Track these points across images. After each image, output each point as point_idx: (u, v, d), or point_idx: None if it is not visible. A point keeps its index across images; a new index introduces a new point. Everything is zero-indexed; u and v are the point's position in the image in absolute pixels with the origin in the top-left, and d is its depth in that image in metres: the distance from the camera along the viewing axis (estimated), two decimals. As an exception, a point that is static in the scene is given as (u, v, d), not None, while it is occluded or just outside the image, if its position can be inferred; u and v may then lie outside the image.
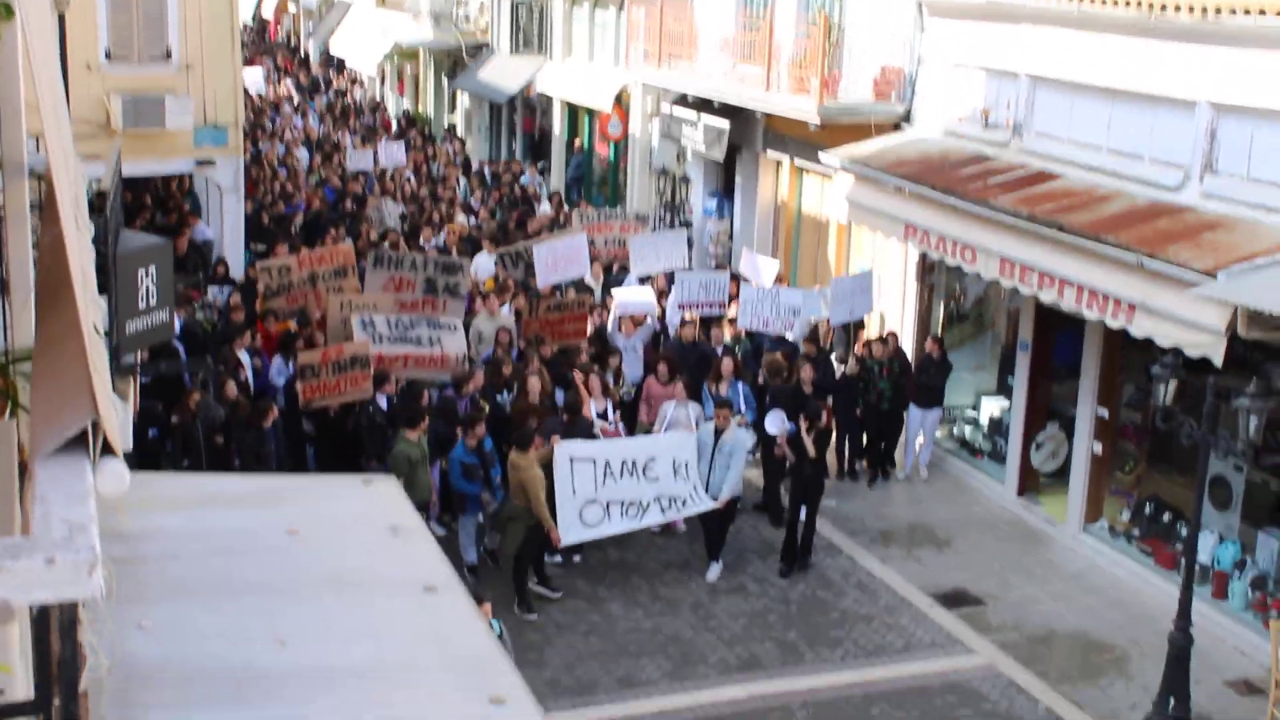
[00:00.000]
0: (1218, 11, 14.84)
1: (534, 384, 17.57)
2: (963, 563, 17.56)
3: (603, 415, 17.75)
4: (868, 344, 19.92)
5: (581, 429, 16.78)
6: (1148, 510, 17.43)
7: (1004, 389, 20.16)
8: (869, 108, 21.55)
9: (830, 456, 18.32)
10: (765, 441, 18.26)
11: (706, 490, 16.35)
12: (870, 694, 14.50)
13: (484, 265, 23.89)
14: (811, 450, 16.71)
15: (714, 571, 16.87)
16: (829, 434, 17.50)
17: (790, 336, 20.36)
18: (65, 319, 3.67)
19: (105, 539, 6.23)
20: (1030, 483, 19.31)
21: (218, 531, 6.44)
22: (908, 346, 20.60)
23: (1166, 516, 17.14)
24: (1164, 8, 15.57)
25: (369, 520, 6.69)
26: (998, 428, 20.25)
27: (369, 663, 5.29)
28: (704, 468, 16.39)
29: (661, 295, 22.36)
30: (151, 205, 26.66)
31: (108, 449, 3.27)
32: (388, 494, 7.04)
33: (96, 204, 9.66)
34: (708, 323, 21.25)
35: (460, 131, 44.61)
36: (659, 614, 15.93)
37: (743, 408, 17.96)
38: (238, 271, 23.85)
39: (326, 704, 5.00)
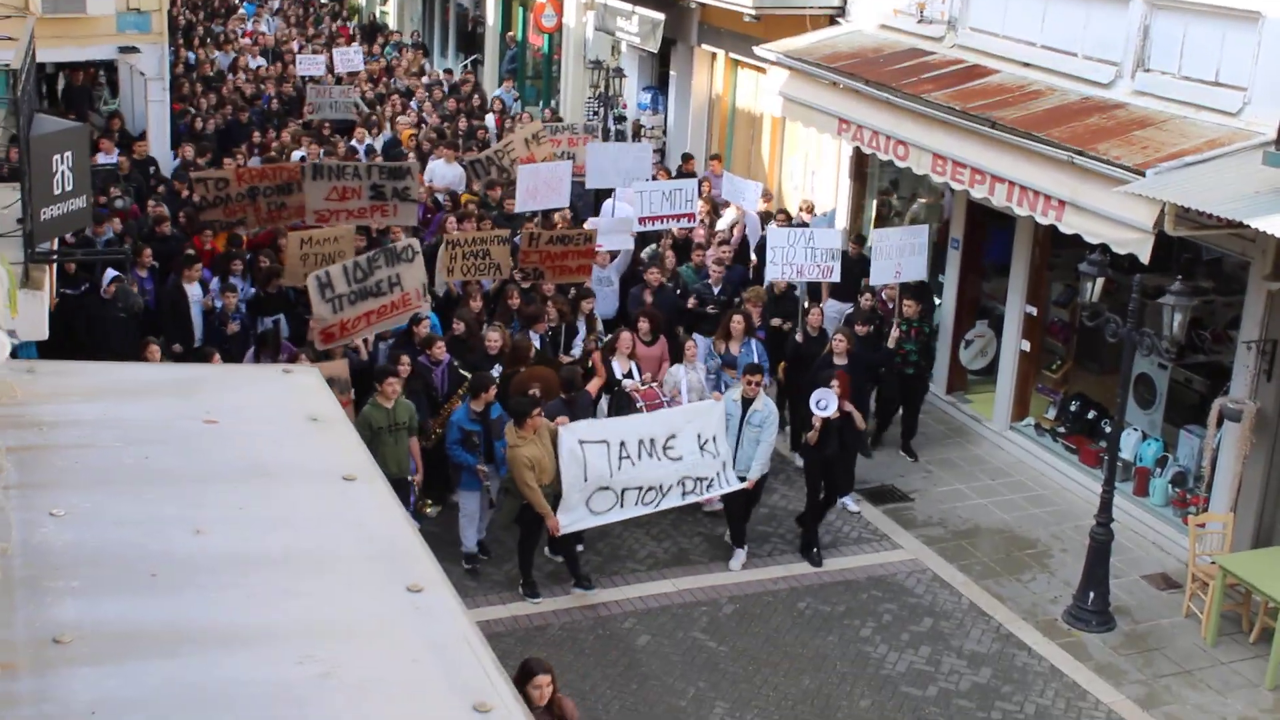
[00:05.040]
0: (1154, -93, 14.76)
1: (493, 338, 15.79)
2: (890, 459, 17.69)
3: (628, 375, 15.83)
4: (892, 301, 17.89)
5: (582, 406, 14.75)
6: (1073, 408, 17.61)
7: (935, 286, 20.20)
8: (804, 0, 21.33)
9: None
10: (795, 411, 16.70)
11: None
12: (797, 588, 14.64)
13: (443, 173, 22.54)
14: (861, 422, 15.27)
15: (738, 559, 15.07)
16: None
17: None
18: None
19: (17, 427, 6.13)
20: (959, 380, 19.45)
21: (134, 420, 6.34)
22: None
23: (1091, 414, 17.33)
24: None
25: (288, 409, 6.61)
26: (928, 325, 20.31)
27: (285, 551, 5.24)
28: (730, 441, 14.55)
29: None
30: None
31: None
32: (308, 383, 6.97)
33: (9, 85, 9.40)
34: (683, 248, 19.52)
35: (392, 22, 43.87)
36: (588, 508, 15.92)
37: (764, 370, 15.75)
38: (161, 156, 23.28)
39: (241, 591, 4.95)
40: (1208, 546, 14.23)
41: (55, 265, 16.09)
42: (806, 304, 18.09)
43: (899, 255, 17.59)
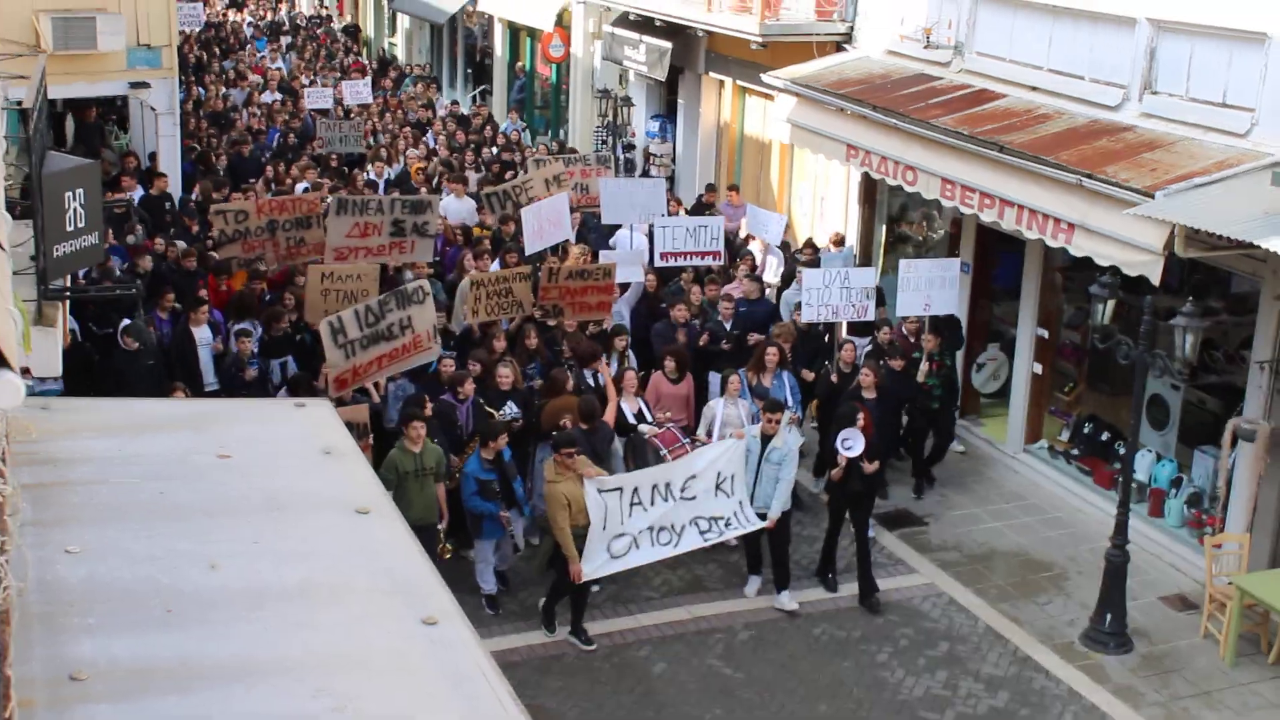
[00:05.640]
0: (1159, -71, 14.80)
1: (504, 374, 15.33)
2: (904, 483, 17.64)
3: (640, 417, 15.49)
4: (913, 335, 17.61)
5: (603, 438, 14.69)
6: (1086, 430, 17.58)
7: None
8: (811, 26, 21.37)
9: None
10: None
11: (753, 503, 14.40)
12: (812, 614, 14.60)
13: (456, 209, 22.33)
14: (868, 467, 14.61)
15: (753, 586, 14.95)
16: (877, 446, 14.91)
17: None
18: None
19: (32, 464, 6.15)
20: (971, 404, 19.42)
21: (148, 455, 6.36)
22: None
23: (1105, 436, 17.29)
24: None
25: (301, 443, 6.63)
26: (939, 349, 20.26)
27: (300, 584, 5.25)
28: (749, 479, 14.30)
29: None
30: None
31: (2, 362, 3.19)
32: (321, 417, 6.99)
33: (21, 123, 9.45)
34: (698, 278, 18.82)
35: (401, 54, 43.97)
36: (602, 536, 15.88)
37: (790, 403, 15.44)
38: (171, 191, 23.32)
39: (256, 625, 4.96)
40: (1224, 567, 14.18)
41: (83, 306, 16.09)
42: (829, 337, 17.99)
43: (928, 288, 17.19)
